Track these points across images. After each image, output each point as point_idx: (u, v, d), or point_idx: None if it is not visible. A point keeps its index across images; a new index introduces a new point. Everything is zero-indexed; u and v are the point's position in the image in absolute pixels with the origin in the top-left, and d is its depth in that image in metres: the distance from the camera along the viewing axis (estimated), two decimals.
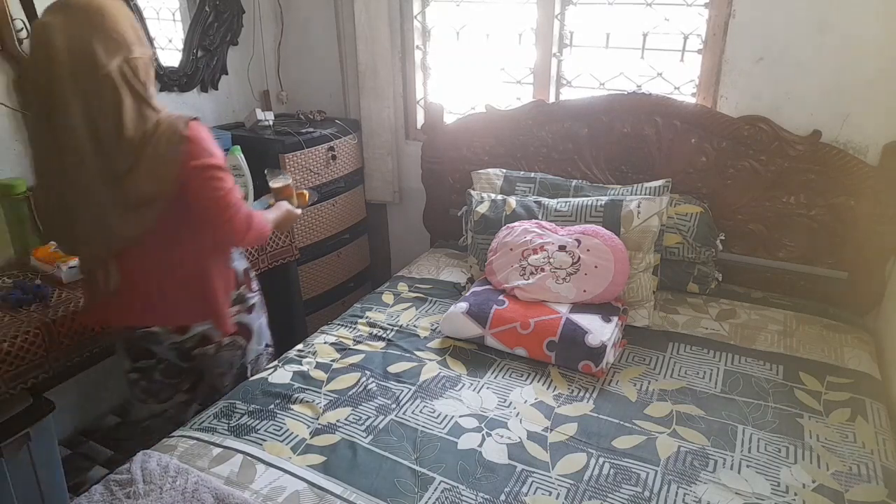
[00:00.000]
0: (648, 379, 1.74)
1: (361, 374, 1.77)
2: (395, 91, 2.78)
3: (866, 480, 1.39)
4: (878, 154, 1.99)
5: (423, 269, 2.44)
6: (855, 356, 1.83)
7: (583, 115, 2.33)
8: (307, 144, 2.55)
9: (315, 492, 1.35)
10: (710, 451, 1.47)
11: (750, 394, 1.67)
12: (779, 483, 1.38)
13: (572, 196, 2.26)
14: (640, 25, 2.29)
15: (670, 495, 1.35)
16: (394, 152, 2.84)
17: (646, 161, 2.28)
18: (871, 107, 1.97)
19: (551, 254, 1.98)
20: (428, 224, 2.79)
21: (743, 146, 2.12)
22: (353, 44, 2.72)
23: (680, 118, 2.18)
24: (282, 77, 3.00)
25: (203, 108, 2.69)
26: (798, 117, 2.06)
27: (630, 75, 2.38)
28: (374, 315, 2.09)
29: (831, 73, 1.99)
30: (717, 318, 2.04)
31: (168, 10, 2.50)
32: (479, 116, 2.53)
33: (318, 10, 2.83)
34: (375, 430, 1.55)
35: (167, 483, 1.34)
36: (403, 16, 2.67)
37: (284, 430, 1.55)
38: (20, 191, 1.88)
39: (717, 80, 2.17)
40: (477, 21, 2.60)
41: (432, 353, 1.87)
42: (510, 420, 1.58)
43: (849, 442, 1.50)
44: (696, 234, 2.11)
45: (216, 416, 1.60)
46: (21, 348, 1.58)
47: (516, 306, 1.89)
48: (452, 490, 1.36)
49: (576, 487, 1.37)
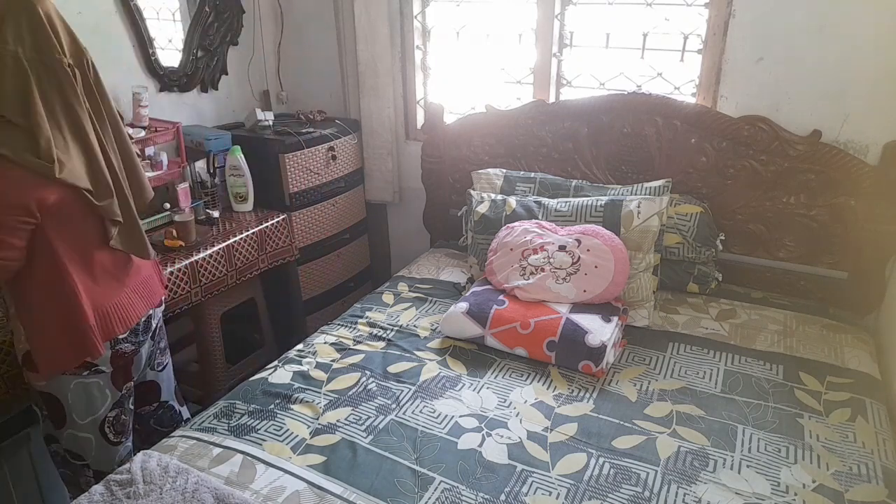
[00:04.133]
0: (648, 379, 1.74)
1: (361, 374, 1.77)
2: (395, 91, 2.78)
3: (866, 480, 1.39)
4: (878, 154, 1.99)
5: (423, 269, 2.44)
6: (855, 356, 1.83)
7: (583, 115, 2.33)
8: (307, 144, 2.55)
9: (315, 492, 1.35)
10: (710, 451, 1.47)
11: (750, 394, 1.67)
12: (779, 483, 1.38)
13: (572, 196, 2.26)
14: (640, 25, 2.29)
15: (670, 495, 1.35)
16: (394, 152, 2.84)
17: (646, 161, 2.28)
18: (871, 107, 1.97)
19: (551, 254, 1.98)
20: (428, 224, 2.79)
21: (743, 146, 2.12)
22: (353, 44, 2.72)
23: (680, 118, 2.18)
24: (282, 77, 3.00)
25: (203, 108, 2.69)
26: (798, 117, 2.06)
27: (630, 75, 2.38)
28: (375, 315, 2.09)
29: (831, 73, 1.99)
30: (717, 318, 2.04)
31: (168, 10, 2.49)
32: (479, 116, 2.53)
33: (318, 10, 2.83)
34: (375, 430, 1.55)
35: (167, 483, 1.34)
36: (403, 16, 2.67)
37: (284, 430, 1.55)
38: None
39: (717, 80, 2.17)
40: (477, 21, 2.60)
41: (432, 353, 1.87)
42: (510, 420, 1.58)
43: (849, 442, 1.50)
44: (696, 234, 2.11)
45: (216, 416, 1.60)
46: None
47: (516, 306, 1.89)
48: (452, 490, 1.36)
49: (576, 487, 1.37)
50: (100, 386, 1.52)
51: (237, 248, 2.25)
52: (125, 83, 2.26)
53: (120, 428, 1.61)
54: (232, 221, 2.39)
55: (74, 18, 2.09)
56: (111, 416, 1.58)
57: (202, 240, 2.19)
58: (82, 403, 1.52)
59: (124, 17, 2.26)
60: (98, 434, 1.57)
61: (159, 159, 2.25)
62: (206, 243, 2.17)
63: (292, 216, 2.55)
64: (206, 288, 2.14)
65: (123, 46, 2.29)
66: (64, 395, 1.50)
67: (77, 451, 1.58)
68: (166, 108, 2.48)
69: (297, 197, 2.57)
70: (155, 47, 2.40)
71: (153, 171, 2.22)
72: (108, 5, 2.21)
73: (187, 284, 2.06)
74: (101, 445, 1.58)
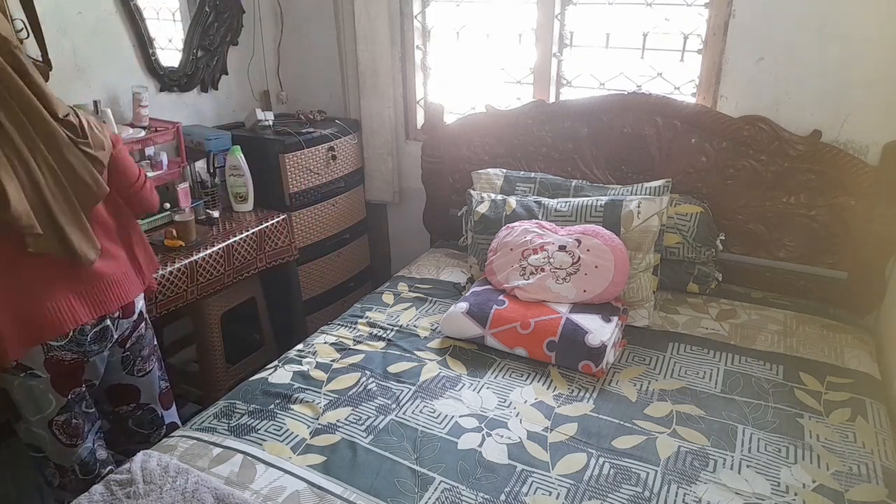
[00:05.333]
0: (648, 379, 1.74)
1: (361, 374, 1.77)
2: (395, 91, 2.78)
3: (866, 480, 1.39)
4: (878, 154, 1.99)
5: (423, 269, 2.44)
6: (855, 356, 1.83)
7: (583, 114, 2.33)
8: (307, 144, 2.55)
9: (315, 492, 1.35)
10: (710, 451, 1.47)
11: (750, 394, 1.67)
12: (779, 483, 1.38)
13: (572, 196, 2.26)
14: (640, 25, 2.29)
15: (670, 495, 1.35)
16: (394, 152, 2.84)
17: (646, 161, 2.28)
18: (871, 107, 1.97)
19: (551, 254, 1.98)
20: (428, 224, 2.79)
21: (743, 146, 2.12)
22: (353, 44, 2.72)
23: (680, 118, 2.18)
24: (282, 77, 3.00)
25: (203, 108, 2.69)
26: (798, 117, 2.06)
27: (630, 75, 2.38)
28: (375, 315, 2.09)
29: (831, 73, 1.99)
30: (717, 318, 2.04)
31: (168, 10, 2.50)
32: (479, 116, 2.53)
33: (318, 10, 2.83)
34: (375, 430, 1.55)
35: (167, 483, 1.34)
36: (403, 16, 2.67)
37: (284, 430, 1.55)
38: None
39: (717, 80, 2.17)
40: (477, 21, 2.60)
41: (432, 353, 1.87)
42: (510, 420, 1.58)
43: (849, 442, 1.50)
44: (696, 234, 2.11)
45: (216, 416, 1.60)
46: None
47: (516, 306, 1.89)
48: (452, 490, 1.36)
49: (576, 487, 1.37)
50: (41, 389, 1.50)
51: (237, 248, 2.25)
52: (125, 83, 2.26)
53: (72, 431, 1.58)
54: (232, 221, 2.39)
55: (75, 18, 2.10)
56: (59, 419, 1.55)
57: (202, 240, 2.19)
58: (28, 402, 1.51)
59: (124, 16, 2.26)
60: (49, 433, 1.56)
61: (159, 159, 2.25)
62: (207, 243, 2.17)
63: (292, 216, 2.55)
64: (203, 287, 2.13)
65: (123, 46, 2.29)
66: (11, 392, 1.50)
67: (35, 443, 1.58)
68: (166, 108, 2.49)
69: (297, 197, 2.57)
70: (155, 47, 2.40)
71: (153, 170, 2.23)
72: (108, 5, 2.21)
73: (184, 283, 2.06)
74: (54, 443, 1.57)
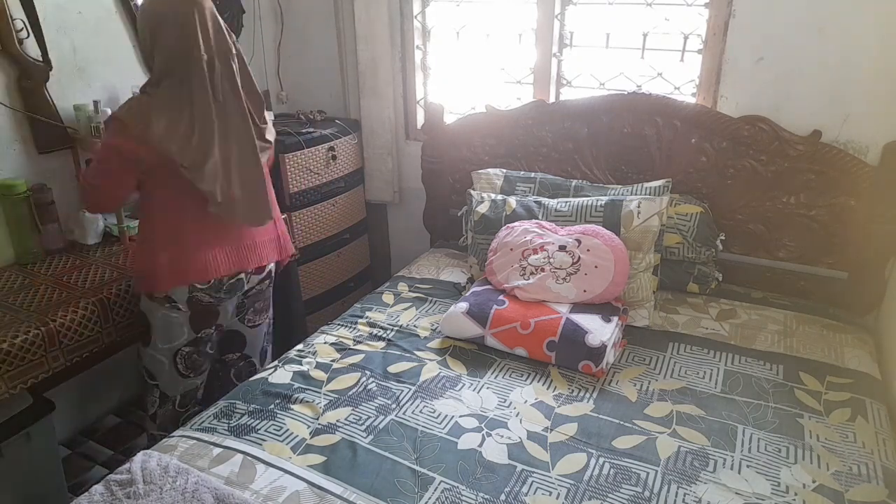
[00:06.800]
0: (648, 379, 1.74)
1: (361, 374, 1.77)
2: (395, 91, 2.78)
3: (866, 480, 1.39)
4: (878, 154, 1.99)
5: (423, 269, 2.44)
6: (855, 356, 1.83)
7: (583, 115, 2.33)
8: (307, 144, 2.55)
9: (315, 492, 1.35)
10: (710, 451, 1.47)
11: (750, 394, 1.67)
12: (779, 483, 1.38)
13: (572, 196, 2.26)
14: (640, 25, 2.29)
15: (670, 495, 1.35)
16: (394, 152, 2.84)
17: (646, 161, 2.28)
18: (871, 107, 1.97)
19: (551, 254, 1.98)
20: (428, 224, 2.79)
21: (743, 146, 2.12)
22: (353, 44, 2.72)
23: (680, 118, 2.18)
24: (282, 77, 3.00)
25: None
26: (798, 117, 2.06)
27: (630, 75, 2.38)
28: (375, 315, 2.09)
29: (831, 73, 1.99)
30: (717, 318, 2.04)
31: None
32: (480, 116, 2.53)
33: (318, 10, 2.83)
34: (375, 430, 1.55)
35: (167, 483, 1.34)
36: (403, 16, 2.67)
37: (284, 430, 1.55)
38: (20, 191, 1.88)
39: (717, 80, 2.17)
40: (477, 21, 2.60)
41: (432, 353, 1.87)
42: (510, 420, 1.58)
43: (849, 442, 1.50)
44: (696, 234, 2.11)
45: (216, 416, 1.60)
46: (21, 348, 1.58)
47: (516, 306, 1.89)
48: (452, 490, 1.36)
49: (576, 487, 1.37)
50: (179, 322, 1.74)
51: None
52: (125, 83, 2.26)
53: (191, 364, 1.81)
54: None
55: (75, 18, 2.10)
56: (185, 350, 1.78)
57: None
58: (163, 331, 1.75)
59: (124, 16, 2.26)
60: (171, 362, 1.78)
61: None
62: None
63: (292, 216, 2.55)
64: None
65: (124, 46, 2.29)
66: (153, 319, 1.74)
67: (152, 370, 1.81)
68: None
69: (297, 197, 2.57)
70: None
71: None
72: (109, 5, 2.21)
73: None
74: (171, 372, 1.80)
